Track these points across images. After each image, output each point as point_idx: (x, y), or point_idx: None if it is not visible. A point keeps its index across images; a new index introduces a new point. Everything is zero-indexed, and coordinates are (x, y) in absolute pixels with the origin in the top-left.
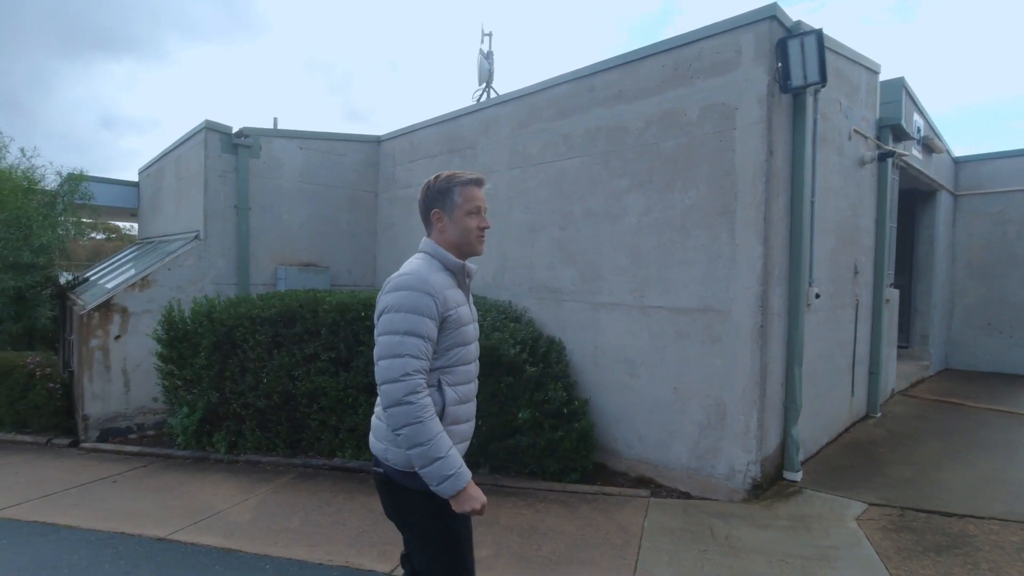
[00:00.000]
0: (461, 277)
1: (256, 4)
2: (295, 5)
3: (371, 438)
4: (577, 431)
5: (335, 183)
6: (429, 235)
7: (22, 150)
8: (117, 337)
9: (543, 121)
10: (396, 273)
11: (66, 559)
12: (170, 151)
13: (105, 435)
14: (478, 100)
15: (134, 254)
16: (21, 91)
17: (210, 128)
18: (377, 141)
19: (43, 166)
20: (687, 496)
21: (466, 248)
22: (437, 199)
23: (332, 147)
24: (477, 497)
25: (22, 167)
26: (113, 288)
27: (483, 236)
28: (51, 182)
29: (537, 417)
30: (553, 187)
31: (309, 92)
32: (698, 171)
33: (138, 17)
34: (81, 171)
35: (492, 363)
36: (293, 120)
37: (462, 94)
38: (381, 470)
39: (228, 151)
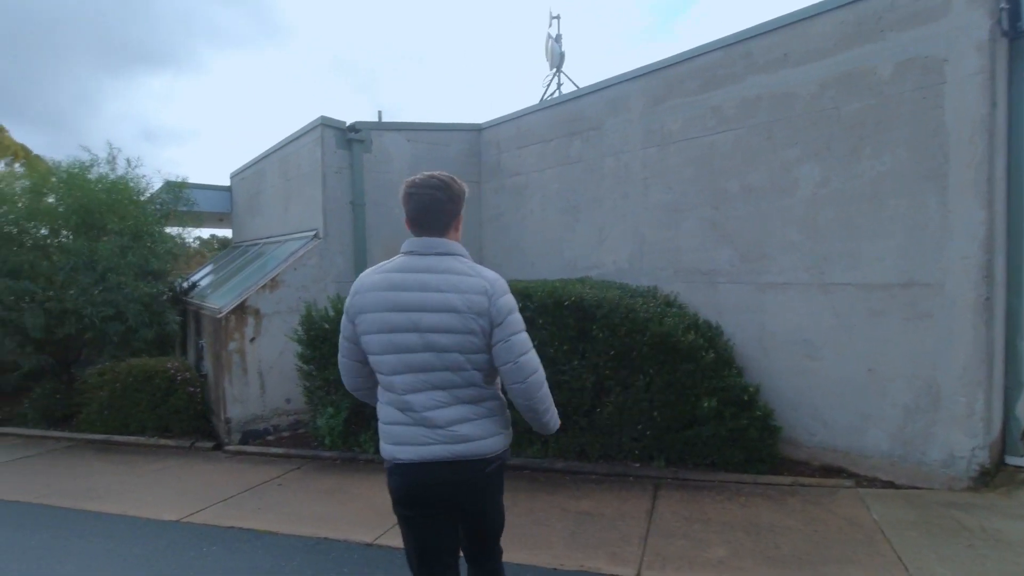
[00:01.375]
0: None
1: (281, 9)
2: (318, 7)
3: (471, 438)
4: (760, 419)
5: None
6: (446, 235)
7: (128, 160)
8: (252, 339)
9: (685, 95)
10: (481, 275)
11: (286, 566)
12: (272, 152)
13: (245, 437)
14: (547, 86)
15: (237, 258)
16: (68, 108)
17: (326, 124)
18: (478, 129)
19: (146, 175)
20: (891, 485)
21: None
22: (462, 204)
23: (437, 138)
24: None
25: (127, 176)
26: (245, 290)
27: None
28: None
29: (718, 405)
30: (701, 164)
31: (336, 93)
32: (893, 134)
33: (172, 30)
34: (183, 179)
35: (666, 350)
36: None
37: (494, 83)
38: (494, 464)
39: (342, 146)
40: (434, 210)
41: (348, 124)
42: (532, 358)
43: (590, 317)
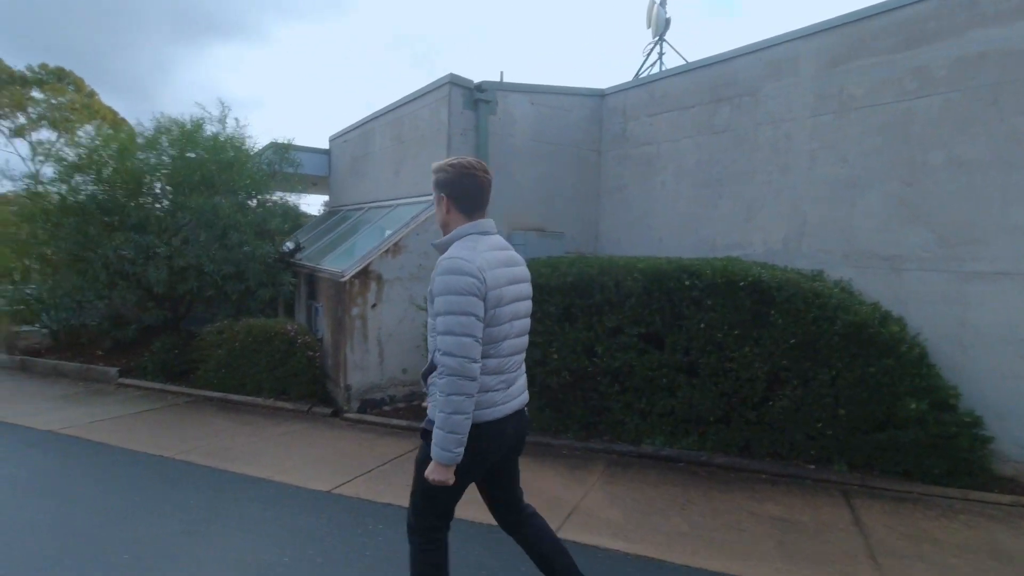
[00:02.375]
0: None
1: None
2: None
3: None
4: (968, 425)
5: (562, 141)
6: (480, 218)
7: (236, 120)
8: (374, 305)
9: (875, 54)
10: (514, 252)
11: (468, 555)
12: (382, 114)
13: (363, 406)
14: (647, 55)
15: (340, 222)
16: (145, 77)
17: (454, 83)
18: (601, 95)
19: (251, 136)
20: None
21: None
22: None
23: (559, 102)
24: None
25: (237, 134)
26: (368, 254)
27: None
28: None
29: (922, 408)
30: (891, 134)
31: (394, 66)
32: None
33: (241, 2)
34: (289, 141)
35: (860, 342)
36: (383, 95)
37: (555, 58)
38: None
39: (468, 107)
40: (489, 194)
41: (475, 83)
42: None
43: (768, 300)
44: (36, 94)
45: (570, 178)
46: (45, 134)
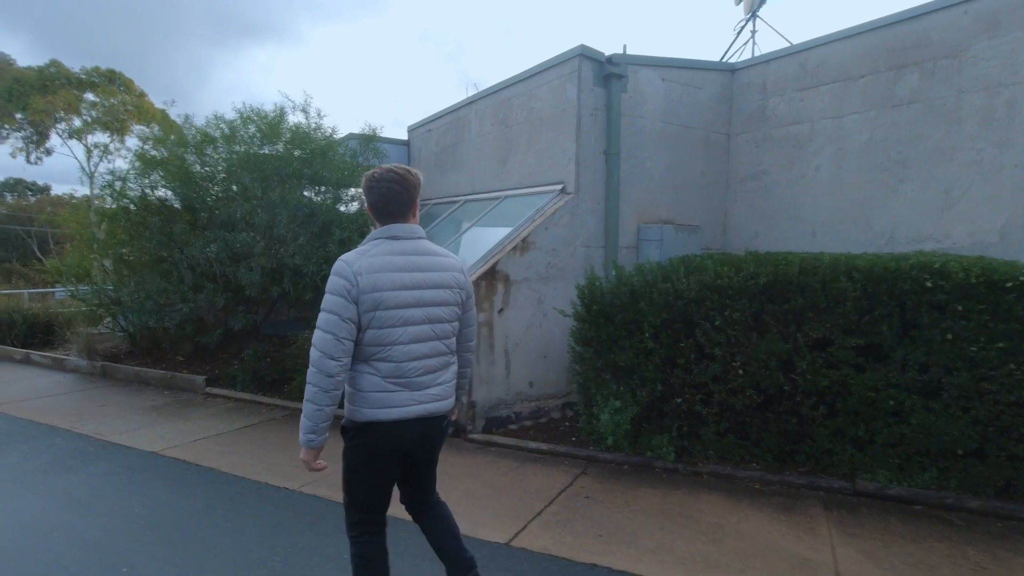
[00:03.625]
0: None
1: None
2: None
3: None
4: None
5: (692, 123)
6: (412, 220)
7: (318, 111)
8: (500, 310)
9: None
10: (433, 258)
11: None
12: (481, 97)
13: (488, 425)
14: (738, 34)
15: (434, 217)
16: (183, 80)
17: (585, 55)
18: (731, 70)
19: (331, 127)
20: None
21: None
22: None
23: (690, 77)
24: None
25: (319, 125)
26: (493, 252)
27: None
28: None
29: None
30: None
31: (424, 63)
32: None
33: (276, 5)
34: (374, 130)
35: None
36: (415, 95)
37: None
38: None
39: (599, 83)
40: (402, 200)
41: (606, 56)
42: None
43: None
44: (89, 96)
45: (698, 164)
46: (100, 137)
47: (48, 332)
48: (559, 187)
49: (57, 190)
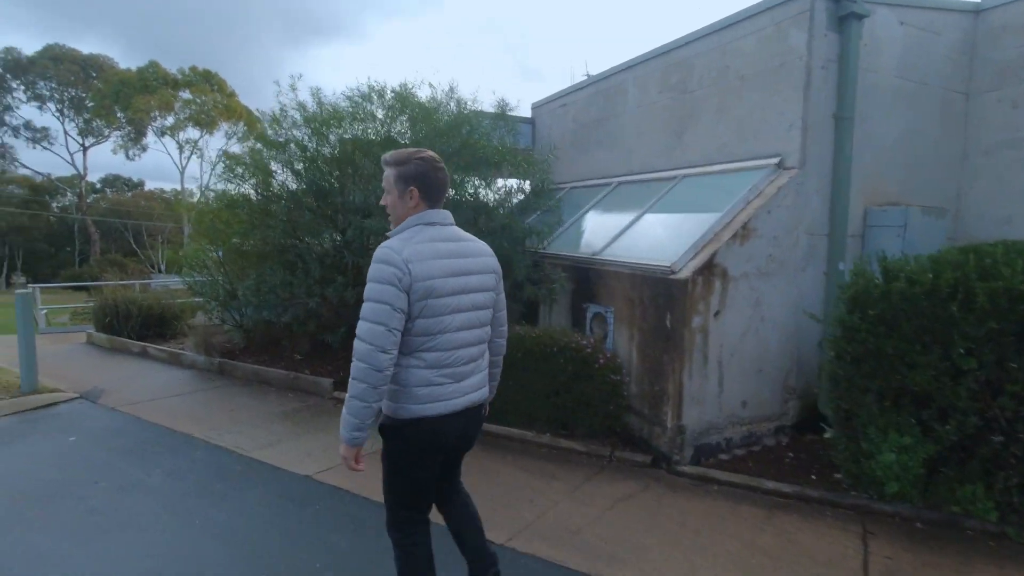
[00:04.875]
0: None
1: None
2: None
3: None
4: None
5: (928, 78)
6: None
7: (450, 86)
8: (716, 313)
9: None
10: (470, 244)
11: None
12: (642, 61)
13: (697, 454)
14: None
15: (578, 204)
16: (257, 78)
17: None
18: (974, 11)
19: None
20: None
21: None
22: None
23: (929, 21)
24: None
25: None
26: (702, 242)
27: (388, 216)
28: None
29: None
30: None
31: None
32: None
33: (346, 3)
34: (506, 107)
35: None
36: (481, 87)
37: (639, 32)
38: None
39: (833, 27)
40: (446, 187)
41: None
42: None
43: None
44: (184, 95)
45: (932, 131)
46: (190, 133)
47: (161, 324)
48: (773, 161)
49: (149, 185)
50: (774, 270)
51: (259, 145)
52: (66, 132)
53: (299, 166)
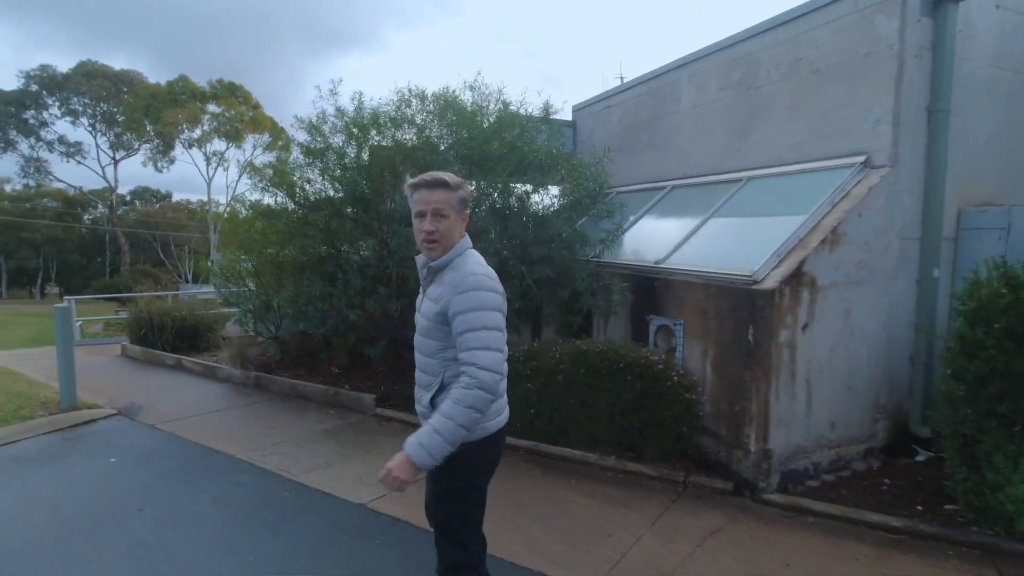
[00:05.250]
0: (422, 272)
1: None
2: None
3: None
4: None
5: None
6: None
7: (499, 89)
8: (804, 327)
9: None
10: None
11: None
12: (700, 57)
13: (783, 480)
14: None
15: (631, 210)
16: (280, 90)
17: None
18: None
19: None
20: None
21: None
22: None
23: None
24: None
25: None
26: (783, 249)
27: (428, 241)
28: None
29: None
30: None
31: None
32: None
33: (363, 14)
34: (550, 109)
35: None
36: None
37: (664, 36)
38: None
39: (927, 11)
40: None
41: None
42: None
43: None
44: (212, 108)
45: None
46: (217, 145)
47: (194, 336)
48: (859, 159)
49: (177, 197)
50: (864, 278)
51: (297, 153)
52: (98, 146)
53: (338, 173)
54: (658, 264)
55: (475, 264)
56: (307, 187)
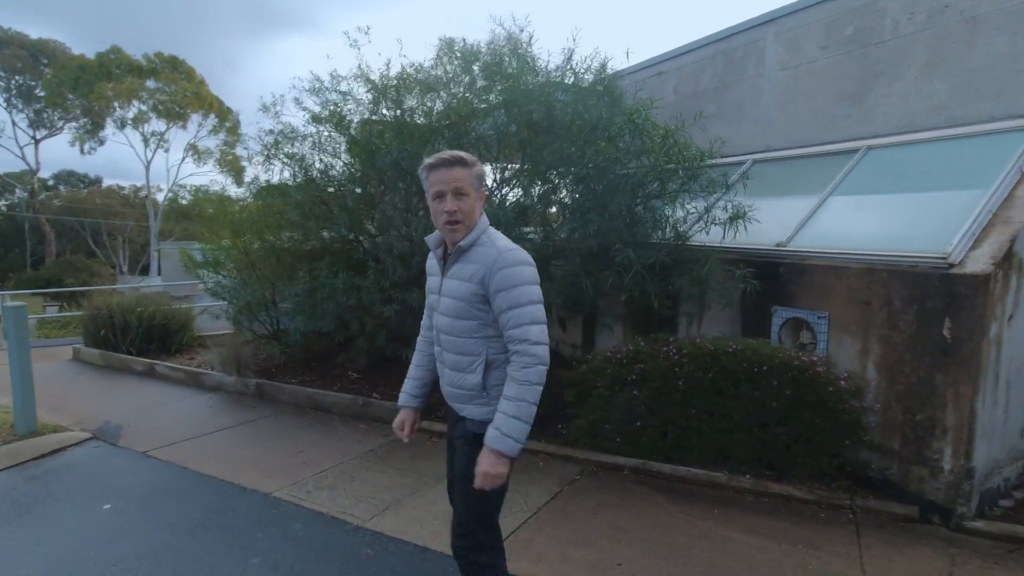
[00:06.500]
0: (437, 252)
1: None
2: None
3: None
4: None
5: None
6: None
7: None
8: (1010, 318)
9: None
10: None
11: None
12: (784, 14)
13: (980, 502)
14: None
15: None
16: (217, 71)
17: None
18: None
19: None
20: None
21: (440, 231)
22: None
23: None
24: None
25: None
26: (979, 221)
27: (450, 222)
28: None
29: None
30: None
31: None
32: None
33: None
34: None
35: None
36: None
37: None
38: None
39: None
40: None
41: None
42: None
43: None
44: (150, 83)
45: None
46: (156, 125)
47: (165, 336)
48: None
49: (108, 182)
50: None
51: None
52: (15, 123)
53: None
54: (781, 247)
55: (505, 240)
56: (317, 161)
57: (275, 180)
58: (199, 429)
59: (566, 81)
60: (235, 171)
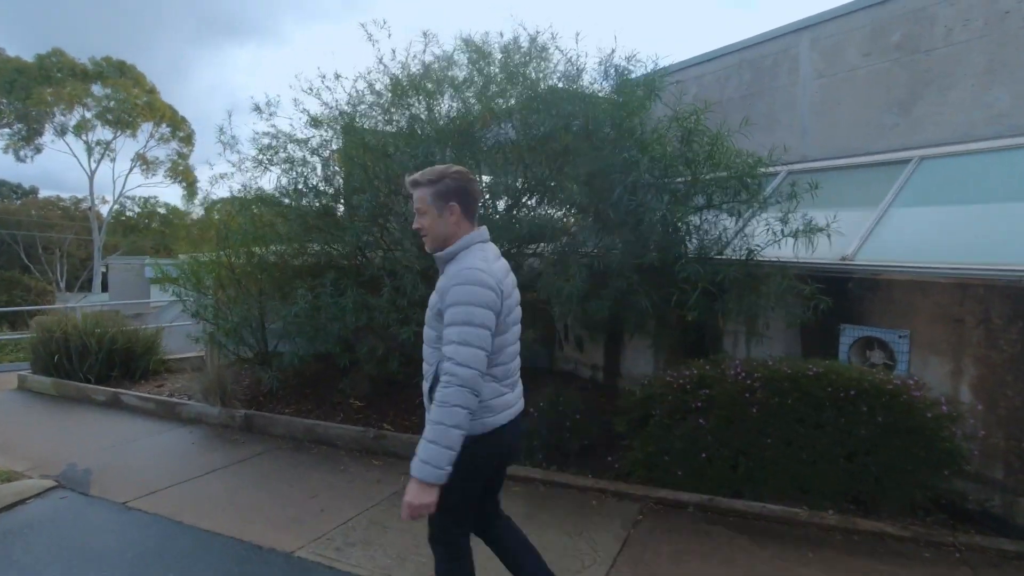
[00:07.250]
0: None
1: None
2: None
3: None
4: None
5: None
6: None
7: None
8: None
9: None
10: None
11: None
12: (820, 22)
13: None
14: None
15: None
16: (165, 77)
17: None
18: None
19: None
20: None
21: None
22: None
23: None
24: None
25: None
26: None
27: (423, 237)
28: None
29: None
30: None
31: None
32: None
33: (261, 3)
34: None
35: None
36: None
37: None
38: None
39: None
40: None
41: None
42: None
43: None
44: (97, 89)
45: None
46: (102, 133)
47: (128, 361)
48: None
49: (45, 193)
50: None
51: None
52: None
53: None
54: (847, 261)
55: (476, 259)
56: (320, 167)
57: (268, 188)
58: (186, 472)
59: (607, 82)
60: (188, 182)
